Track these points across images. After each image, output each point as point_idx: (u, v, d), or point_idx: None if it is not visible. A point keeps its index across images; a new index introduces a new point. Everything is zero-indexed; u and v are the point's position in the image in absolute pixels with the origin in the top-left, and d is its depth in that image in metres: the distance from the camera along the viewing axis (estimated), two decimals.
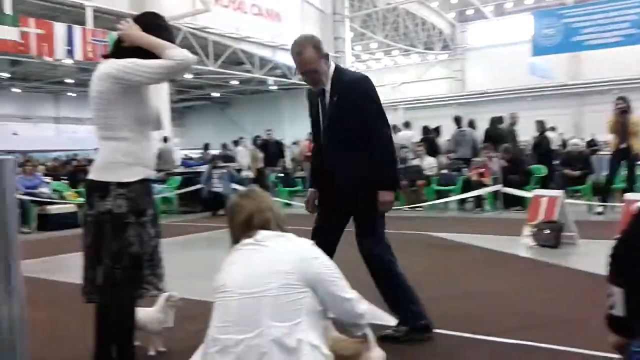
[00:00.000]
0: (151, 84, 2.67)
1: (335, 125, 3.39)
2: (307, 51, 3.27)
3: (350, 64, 29.09)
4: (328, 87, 3.38)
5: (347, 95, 3.33)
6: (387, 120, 3.47)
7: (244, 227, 2.30)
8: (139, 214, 2.64)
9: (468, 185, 10.58)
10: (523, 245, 6.66)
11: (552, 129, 15.07)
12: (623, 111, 8.79)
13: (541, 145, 12.05)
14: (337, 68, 3.45)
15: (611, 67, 26.31)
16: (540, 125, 12.42)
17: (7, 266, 1.88)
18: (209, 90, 31.05)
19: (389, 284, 3.60)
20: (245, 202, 2.35)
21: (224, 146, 17.24)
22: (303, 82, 18.62)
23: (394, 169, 3.53)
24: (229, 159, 14.59)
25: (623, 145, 8.89)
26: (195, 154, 22.47)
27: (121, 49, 2.71)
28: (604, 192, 9.44)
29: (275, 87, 28.12)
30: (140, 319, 3.03)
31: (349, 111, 3.32)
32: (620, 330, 1.81)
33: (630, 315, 1.76)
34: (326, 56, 3.36)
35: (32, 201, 9.95)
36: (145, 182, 2.72)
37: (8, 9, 13.99)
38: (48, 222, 9.94)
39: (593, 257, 5.70)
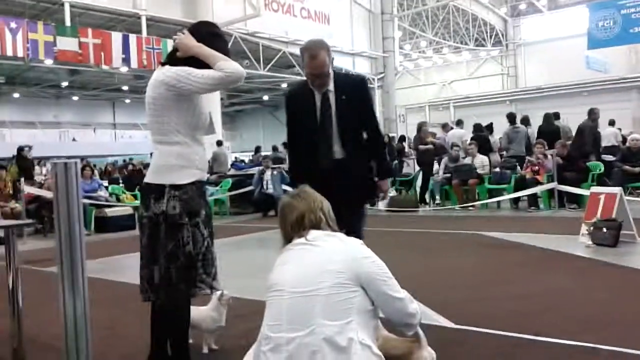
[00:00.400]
0: (202, 93, 2.75)
1: (345, 122, 3.57)
2: (322, 56, 3.45)
3: (399, 63, 28.92)
4: (331, 88, 3.56)
5: (354, 94, 3.58)
6: None
7: (295, 226, 2.33)
8: (193, 215, 2.72)
9: (522, 184, 10.34)
10: (580, 244, 6.47)
11: (612, 123, 14.54)
12: None
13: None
14: (334, 70, 3.63)
15: None
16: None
17: (73, 265, 1.98)
18: (259, 93, 31.44)
19: None
20: (296, 202, 2.38)
21: (274, 148, 17.41)
22: None
23: (389, 160, 3.77)
24: (279, 160, 14.74)
25: None
26: (246, 156, 22.79)
27: (176, 57, 2.80)
28: None
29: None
30: (195, 318, 3.11)
31: (356, 109, 3.57)
32: None
33: None
34: (332, 60, 3.58)
35: (91, 204, 10.32)
36: (198, 185, 2.79)
37: (68, 22, 14.57)
38: (105, 225, 10.28)
39: None
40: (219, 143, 15.55)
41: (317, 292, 2.11)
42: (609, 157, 10.54)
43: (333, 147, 3.59)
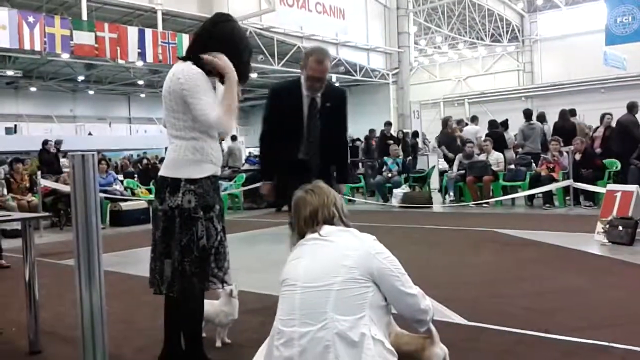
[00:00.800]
0: (194, 113, 2.72)
1: (326, 126, 3.92)
2: (327, 62, 3.79)
3: (414, 59, 28.80)
4: (319, 94, 3.88)
5: (337, 104, 3.96)
6: None
7: (309, 221, 2.34)
8: (207, 209, 2.73)
9: (537, 181, 10.26)
10: (595, 242, 6.42)
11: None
12: None
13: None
14: None
15: None
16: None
17: (89, 257, 2.00)
18: None
19: None
20: (310, 197, 2.39)
21: None
22: (365, 78, 18.72)
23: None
24: None
25: None
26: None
27: (194, 52, 2.80)
28: None
29: (338, 85, 28.20)
30: (207, 312, 3.14)
31: (336, 117, 3.97)
32: None
33: None
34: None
35: (106, 198, 10.41)
36: (213, 179, 2.81)
37: (84, 16, 14.68)
38: (120, 219, 10.36)
39: None
40: (234, 138, 15.59)
41: (330, 287, 2.11)
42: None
43: (311, 146, 3.92)
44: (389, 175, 12.33)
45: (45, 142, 14.71)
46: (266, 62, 20.79)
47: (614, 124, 10.88)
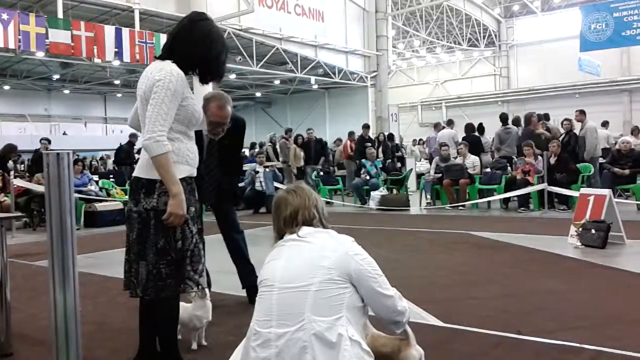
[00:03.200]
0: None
1: (222, 156, 4.24)
2: (228, 108, 3.81)
3: (392, 62, 28.95)
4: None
5: (235, 135, 4.21)
6: None
7: (288, 222, 2.34)
8: None
9: (512, 184, 10.40)
10: (569, 245, 6.52)
11: (604, 125, 14.68)
12: None
13: None
14: None
15: None
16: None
17: (64, 258, 1.97)
18: (252, 90, 31.37)
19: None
20: (291, 198, 2.38)
21: (261, 145, 17.53)
22: (344, 81, 18.78)
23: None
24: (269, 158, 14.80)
25: None
26: None
27: (169, 51, 2.78)
28: None
29: (316, 87, 28.22)
30: (181, 316, 3.11)
31: (233, 146, 4.29)
32: None
33: None
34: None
35: (80, 199, 10.27)
36: (189, 180, 2.78)
37: (60, 14, 14.47)
38: (95, 219, 10.24)
39: None
40: None
41: (308, 287, 2.11)
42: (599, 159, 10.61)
43: (208, 167, 4.14)
44: (367, 177, 12.38)
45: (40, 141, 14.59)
46: (245, 63, 20.71)
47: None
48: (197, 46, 2.74)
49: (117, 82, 29.09)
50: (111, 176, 13.36)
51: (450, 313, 3.98)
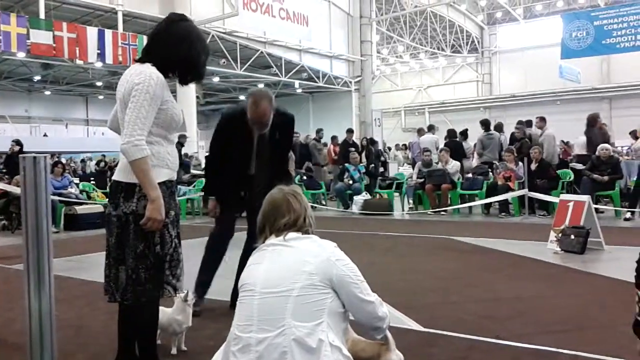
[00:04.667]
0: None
1: (273, 150, 4.16)
2: (264, 104, 3.89)
3: (376, 67, 29.09)
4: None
5: (284, 131, 4.21)
6: None
7: (275, 226, 2.32)
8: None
9: (494, 190, 10.49)
10: (548, 250, 6.59)
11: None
12: None
13: None
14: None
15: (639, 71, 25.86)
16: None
17: (40, 261, 1.95)
18: (235, 93, 31.32)
19: None
20: (294, 203, 2.35)
21: None
22: (328, 85, 18.78)
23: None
24: None
25: None
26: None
27: (148, 54, 2.76)
28: (632, 197, 9.28)
29: (300, 91, 28.25)
30: (160, 320, 3.09)
31: (283, 141, 4.24)
32: None
33: None
34: (273, 108, 4.01)
35: (60, 201, 10.16)
36: (168, 184, 2.75)
37: (42, 14, 14.33)
38: (75, 222, 10.11)
39: (619, 263, 5.66)
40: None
41: (289, 292, 2.10)
42: (578, 166, 10.74)
43: (259, 164, 4.13)
44: (350, 182, 12.40)
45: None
46: (228, 67, 20.67)
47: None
48: (176, 47, 2.72)
49: (99, 83, 28.88)
50: (92, 179, 13.24)
51: (431, 317, 4.00)
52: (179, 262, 2.77)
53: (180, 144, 14.55)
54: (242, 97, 32.45)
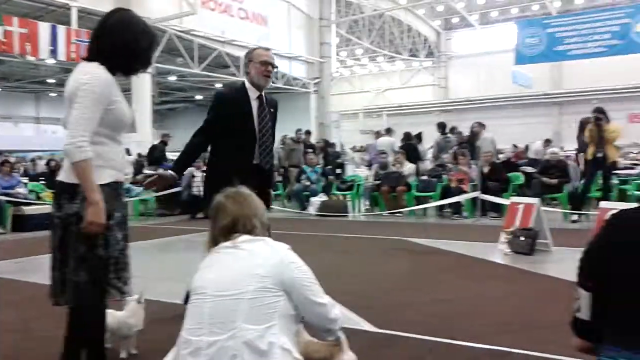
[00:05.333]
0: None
1: (273, 130, 4.01)
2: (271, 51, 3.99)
3: (335, 70, 29.20)
4: (263, 99, 3.96)
5: (274, 111, 4.05)
6: None
7: (225, 230, 2.29)
8: (106, 217, 2.59)
9: (448, 192, 10.68)
10: (498, 251, 6.75)
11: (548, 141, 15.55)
12: (599, 120, 8.96)
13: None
14: None
15: (591, 77, 26.74)
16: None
17: None
18: (192, 92, 30.93)
19: None
20: (230, 205, 2.33)
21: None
22: (287, 87, 18.70)
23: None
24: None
25: (599, 154, 9.06)
26: (176, 156, 22.27)
27: (93, 50, 2.70)
28: (579, 200, 9.59)
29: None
30: (111, 324, 3.03)
31: (274, 123, 4.06)
32: (584, 333, 1.86)
33: (595, 320, 1.80)
34: None
35: (8, 201, 9.85)
36: (114, 185, 2.68)
37: None
38: (23, 223, 9.82)
39: (566, 264, 5.82)
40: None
41: (241, 296, 2.09)
42: (528, 169, 11.04)
43: (263, 150, 3.90)
44: (307, 183, 12.43)
45: None
46: (185, 66, 20.41)
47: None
48: (112, 36, 2.66)
49: (51, 80, 28.08)
50: (41, 178, 12.87)
51: (385, 319, 4.03)
52: (126, 265, 2.72)
53: (163, 143, 14.39)
54: (198, 97, 32.16)
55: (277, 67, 4.00)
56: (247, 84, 3.90)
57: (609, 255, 1.76)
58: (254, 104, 3.88)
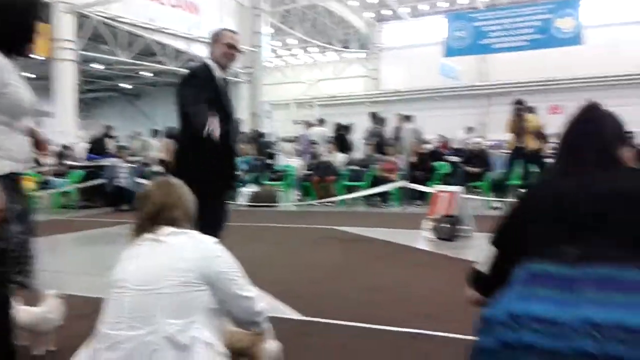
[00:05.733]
0: None
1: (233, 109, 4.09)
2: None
3: (268, 59, 29.03)
4: (226, 79, 4.01)
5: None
6: None
7: (150, 220, 2.24)
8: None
9: (377, 181, 10.88)
10: (423, 238, 6.96)
11: (470, 129, 16.03)
12: (519, 112, 9.37)
13: None
14: None
15: (514, 70, 27.76)
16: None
17: None
18: (118, 81, 29.98)
19: None
20: (156, 193, 2.29)
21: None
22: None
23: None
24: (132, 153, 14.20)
25: (519, 144, 9.48)
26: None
27: None
28: (500, 188, 10.00)
29: None
30: (28, 320, 2.92)
31: None
32: (478, 285, 1.99)
33: (492, 275, 1.93)
34: None
35: None
36: (12, 176, 2.55)
37: None
38: None
39: (485, 249, 6.08)
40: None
41: (162, 290, 2.05)
42: (453, 158, 11.40)
43: (233, 130, 4.04)
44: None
45: None
46: (110, 53, 19.75)
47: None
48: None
49: None
50: None
51: (313, 307, 4.07)
52: (29, 259, 2.61)
53: (107, 136, 13.90)
54: (124, 86, 31.19)
55: (243, 52, 4.04)
56: (211, 64, 3.93)
57: (517, 222, 1.90)
58: (220, 83, 3.95)
